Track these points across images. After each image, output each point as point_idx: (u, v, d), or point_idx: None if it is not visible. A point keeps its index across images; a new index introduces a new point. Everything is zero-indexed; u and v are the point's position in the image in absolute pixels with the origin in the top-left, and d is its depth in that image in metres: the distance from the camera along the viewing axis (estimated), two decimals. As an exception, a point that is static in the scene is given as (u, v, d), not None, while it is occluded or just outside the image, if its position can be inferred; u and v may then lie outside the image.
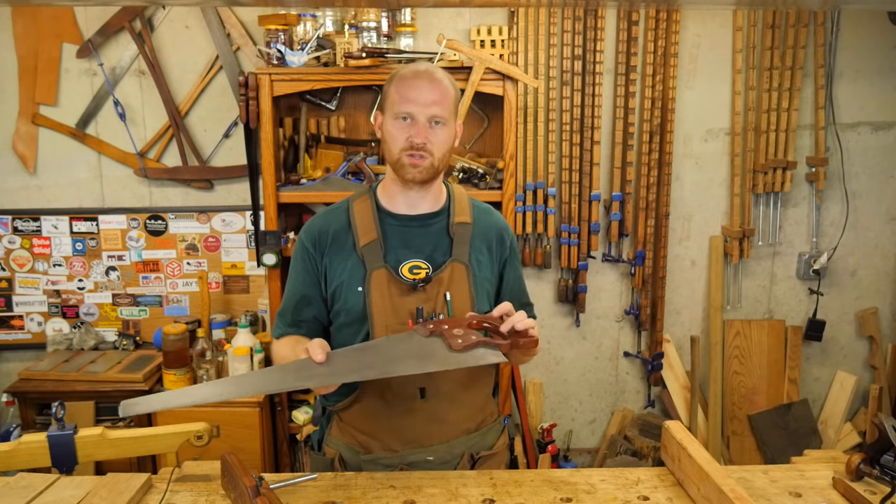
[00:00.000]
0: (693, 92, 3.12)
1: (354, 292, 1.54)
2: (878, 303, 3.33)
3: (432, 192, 1.61)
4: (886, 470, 1.41)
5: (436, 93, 1.51)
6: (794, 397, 3.31)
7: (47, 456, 1.58)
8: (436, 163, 1.54)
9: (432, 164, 1.53)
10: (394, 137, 1.53)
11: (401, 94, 1.52)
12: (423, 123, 1.51)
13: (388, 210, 1.60)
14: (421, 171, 1.53)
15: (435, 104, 1.51)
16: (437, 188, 1.62)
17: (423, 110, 1.51)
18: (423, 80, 1.52)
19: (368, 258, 1.55)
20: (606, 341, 3.34)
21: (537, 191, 3.07)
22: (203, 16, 2.93)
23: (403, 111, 1.52)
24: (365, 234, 1.56)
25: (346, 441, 1.63)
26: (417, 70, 1.55)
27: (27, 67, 2.96)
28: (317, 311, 1.62)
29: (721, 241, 3.23)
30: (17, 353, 3.17)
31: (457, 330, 1.40)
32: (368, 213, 1.59)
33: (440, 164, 1.55)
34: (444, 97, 1.52)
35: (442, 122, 1.53)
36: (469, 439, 1.63)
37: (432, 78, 1.53)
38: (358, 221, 1.58)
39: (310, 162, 2.92)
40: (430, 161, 1.53)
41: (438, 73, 1.55)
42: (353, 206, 1.61)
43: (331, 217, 1.62)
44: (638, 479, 1.47)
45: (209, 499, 1.40)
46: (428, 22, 2.99)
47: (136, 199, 3.10)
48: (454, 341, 1.38)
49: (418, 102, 1.51)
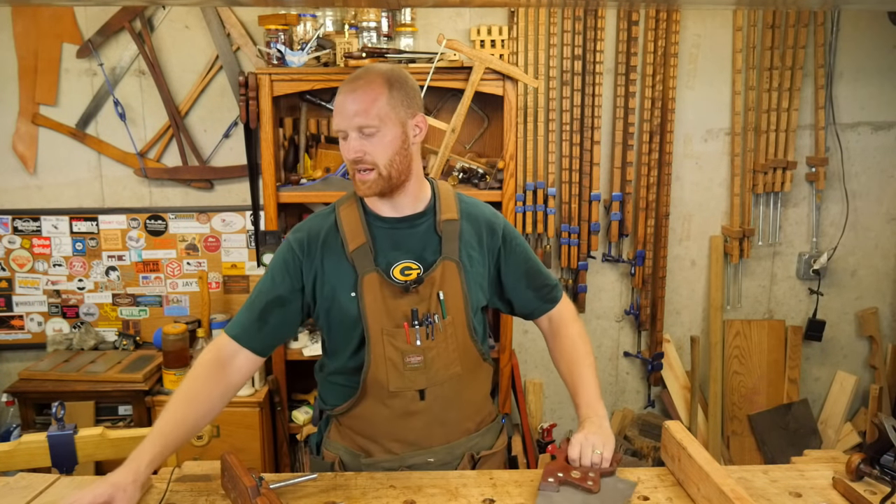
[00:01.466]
0: (693, 92, 3.12)
1: (347, 297, 1.52)
2: (878, 303, 3.33)
3: (410, 194, 1.55)
4: (886, 470, 1.41)
5: (357, 102, 1.44)
6: (794, 397, 3.31)
7: (47, 456, 1.58)
8: (384, 171, 1.46)
9: (379, 174, 1.46)
10: (343, 156, 1.50)
11: (336, 110, 1.48)
12: (353, 137, 1.46)
13: (375, 213, 1.56)
14: (370, 186, 1.48)
15: (357, 115, 1.44)
16: (415, 189, 1.56)
17: (349, 123, 1.45)
18: (345, 91, 1.46)
19: (359, 262, 1.51)
20: (606, 341, 3.34)
21: (537, 191, 3.07)
22: (203, 16, 2.93)
23: (337, 128, 1.48)
24: (353, 238, 1.53)
25: (345, 444, 1.62)
26: (346, 81, 1.49)
27: (27, 67, 2.96)
28: (286, 315, 1.55)
29: (721, 241, 3.23)
30: (17, 353, 3.17)
31: (574, 472, 1.40)
32: (356, 218, 1.55)
33: (390, 171, 1.47)
34: (369, 103, 1.44)
35: (373, 128, 1.44)
36: (469, 440, 1.63)
37: (355, 87, 1.46)
38: (346, 226, 1.54)
39: (310, 162, 2.92)
40: (377, 171, 1.46)
41: (367, 76, 1.47)
42: (340, 212, 1.57)
43: (321, 221, 1.58)
44: (638, 479, 1.47)
45: (209, 499, 1.40)
46: (428, 22, 2.99)
47: (136, 199, 3.10)
48: (588, 484, 1.38)
49: (344, 116, 1.46)
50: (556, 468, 1.41)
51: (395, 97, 1.47)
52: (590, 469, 1.42)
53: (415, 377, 1.53)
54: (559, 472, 1.40)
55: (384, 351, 1.52)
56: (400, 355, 1.52)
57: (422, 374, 1.53)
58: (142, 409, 2.77)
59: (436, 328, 1.52)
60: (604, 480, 1.41)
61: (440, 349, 1.54)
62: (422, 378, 1.54)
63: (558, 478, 1.39)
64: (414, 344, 1.52)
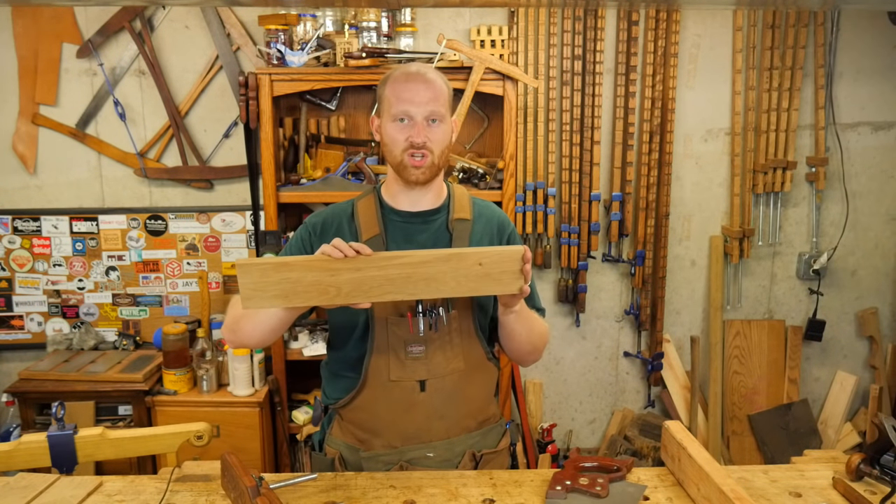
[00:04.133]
0: (693, 92, 3.12)
1: None
2: (878, 303, 3.33)
3: (434, 190, 1.63)
4: (886, 470, 1.41)
5: (430, 91, 1.54)
6: (794, 397, 3.31)
7: (47, 456, 1.58)
8: (436, 160, 1.56)
9: (433, 161, 1.56)
10: (394, 139, 1.55)
11: (397, 96, 1.54)
12: (421, 122, 1.54)
13: (391, 206, 1.63)
14: (423, 172, 1.56)
15: (431, 102, 1.53)
16: (439, 186, 1.65)
17: (420, 109, 1.53)
18: (417, 80, 1.55)
19: None
20: (606, 341, 3.34)
21: (537, 191, 3.07)
22: (203, 16, 2.93)
23: (401, 112, 1.54)
24: (368, 229, 1.59)
25: (346, 440, 1.64)
26: (409, 71, 1.57)
27: (27, 67, 2.96)
28: None
29: (721, 240, 3.23)
30: (17, 353, 3.17)
31: (582, 479, 1.41)
32: (371, 210, 1.62)
33: (440, 161, 1.58)
34: (438, 94, 1.55)
35: (439, 119, 1.55)
36: (469, 437, 1.63)
37: (425, 78, 1.56)
38: (361, 217, 1.61)
39: (310, 162, 2.92)
40: (431, 159, 1.55)
41: (431, 73, 1.58)
42: (358, 204, 1.65)
43: (338, 210, 1.66)
44: (638, 479, 1.47)
45: (209, 499, 1.41)
46: (428, 22, 2.99)
47: (136, 199, 3.10)
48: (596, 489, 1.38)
49: (414, 102, 1.53)
50: (564, 477, 1.42)
51: (449, 97, 1.60)
52: (598, 475, 1.42)
53: (416, 367, 1.56)
54: (567, 480, 1.41)
55: (387, 339, 1.55)
56: (402, 344, 1.55)
57: (423, 365, 1.56)
58: (142, 409, 2.77)
59: (440, 320, 1.55)
60: (612, 485, 1.41)
61: (443, 341, 1.56)
62: (423, 369, 1.56)
63: (566, 486, 1.39)
64: (416, 333, 1.54)
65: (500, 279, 1.40)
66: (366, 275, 1.36)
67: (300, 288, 1.36)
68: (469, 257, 1.38)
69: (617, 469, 1.46)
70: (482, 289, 1.41)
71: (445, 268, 1.37)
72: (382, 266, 1.37)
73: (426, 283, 1.38)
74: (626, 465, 1.47)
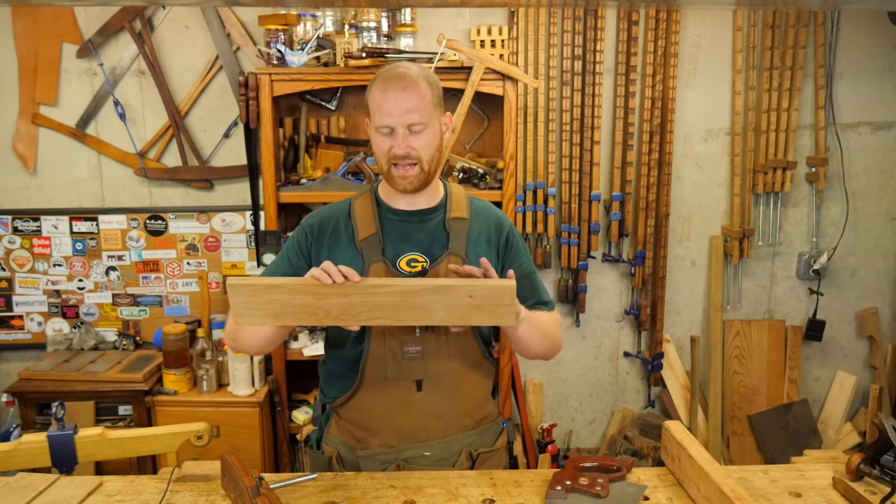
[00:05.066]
0: (693, 92, 3.12)
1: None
2: (878, 303, 3.33)
3: (429, 190, 1.62)
4: (886, 470, 1.41)
5: (409, 99, 1.49)
6: (794, 397, 3.31)
7: (47, 456, 1.58)
8: (425, 166, 1.54)
9: (422, 168, 1.53)
10: (379, 148, 1.54)
11: (377, 107, 1.52)
12: (402, 134, 1.51)
13: (388, 205, 1.62)
14: (411, 181, 1.53)
15: (411, 111, 1.49)
16: (434, 185, 1.64)
17: (400, 119, 1.50)
18: (395, 88, 1.50)
19: (367, 252, 1.57)
20: (606, 341, 3.34)
21: (537, 191, 3.07)
22: (203, 16, 2.93)
23: (381, 124, 1.52)
24: (364, 228, 1.59)
25: (343, 439, 1.64)
26: (388, 78, 1.52)
27: (27, 67, 2.96)
28: None
29: (721, 241, 3.23)
30: (17, 353, 3.17)
31: (582, 479, 1.41)
32: (368, 209, 1.62)
33: (431, 166, 1.55)
34: (419, 101, 1.50)
35: (422, 125, 1.51)
36: (467, 436, 1.63)
37: (404, 85, 1.50)
38: (358, 216, 1.61)
39: (310, 162, 2.92)
40: (419, 167, 1.53)
41: (410, 75, 1.52)
42: (355, 203, 1.64)
43: (335, 209, 1.66)
44: (638, 479, 1.47)
45: (209, 499, 1.41)
46: (428, 22, 2.99)
47: (136, 199, 3.10)
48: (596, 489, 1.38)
49: (393, 114, 1.50)
50: (564, 477, 1.42)
51: (434, 96, 1.55)
52: (598, 476, 1.42)
53: (412, 367, 1.56)
54: (567, 480, 1.41)
55: (384, 339, 1.55)
56: (399, 344, 1.55)
57: (420, 365, 1.56)
58: (142, 409, 2.77)
59: None
60: (612, 485, 1.41)
61: (440, 341, 1.56)
62: (419, 368, 1.56)
63: (566, 486, 1.39)
64: (413, 334, 1.54)
65: (492, 312, 1.39)
66: (354, 300, 1.37)
67: (289, 309, 1.37)
68: (459, 290, 1.37)
69: (617, 469, 1.46)
70: (474, 319, 1.40)
71: (435, 298, 1.37)
72: (370, 293, 1.37)
73: (415, 311, 1.37)
74: (626, 465, 1.47)
